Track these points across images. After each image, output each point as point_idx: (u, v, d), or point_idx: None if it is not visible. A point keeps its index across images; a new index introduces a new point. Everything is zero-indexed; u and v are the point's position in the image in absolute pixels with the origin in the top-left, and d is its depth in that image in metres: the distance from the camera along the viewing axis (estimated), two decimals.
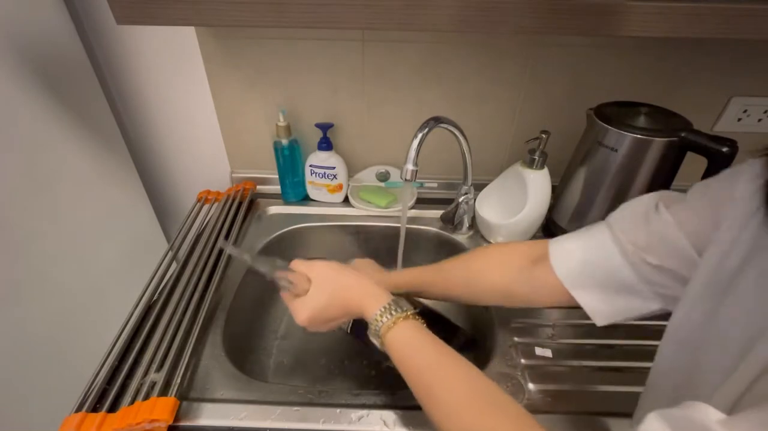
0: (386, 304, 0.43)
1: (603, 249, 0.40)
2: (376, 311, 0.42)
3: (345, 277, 0.46)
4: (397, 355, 0.41)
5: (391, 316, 0.42)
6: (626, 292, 0.39)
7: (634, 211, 0.40)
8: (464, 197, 0.72)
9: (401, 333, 0.41)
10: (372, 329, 0.43)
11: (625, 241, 0.38)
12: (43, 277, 0.61)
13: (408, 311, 0.43)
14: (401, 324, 0.42)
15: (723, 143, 0.53)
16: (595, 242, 0.41)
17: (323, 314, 0.45)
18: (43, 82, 0.58)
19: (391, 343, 0.41)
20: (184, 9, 0.45)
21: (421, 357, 0.40)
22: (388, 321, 0.41)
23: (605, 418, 0.47)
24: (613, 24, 0.44)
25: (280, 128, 0.72)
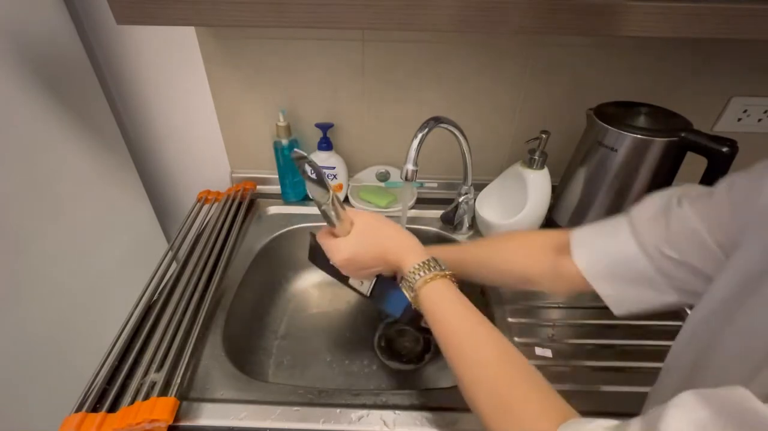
0: (426, 259, 0.43)
1: (622, 241, 0.40)
2: (415, 264, 0.43)
3: (388, 227, 0.47)
4: (430, 309, 0.41)
5: (430, 271, 0.42)
6: (644, 284, 0.39)
7: (655, 204, 0.40)
8: (464, 197, 0.72)
9: (438, 288, 0.42)
10: (407, 281, 0.43)
11: (644, 233, 0.38)
12: (43, 277, 0.61)
13: (446, 271, 0.43)
14: (439, 280, 0.42)
15: (723, 143, 0.53)
16: (615, 234, 0.41)
17: (360, 259, 0.46)
18: (43, 82, 0.58)
19: (426, 296, 0.42)
20: (184, 9, 0.45)
21: (456, 316, 0.40)
22: (426, 276, 0.42)
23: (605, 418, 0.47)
24: (613, 24, 0.44)
25: (280, 128, 0.72)
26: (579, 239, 0.44)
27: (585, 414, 0.48)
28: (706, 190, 0.37)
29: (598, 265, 0.42)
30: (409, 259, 0.44)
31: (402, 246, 0.46)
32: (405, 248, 0.45)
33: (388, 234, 0.47)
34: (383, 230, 0.47)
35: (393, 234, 0.47)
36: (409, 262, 0.44)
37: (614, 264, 0.40)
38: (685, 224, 0.36)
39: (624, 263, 0.39)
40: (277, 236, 0.76)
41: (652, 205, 0.40)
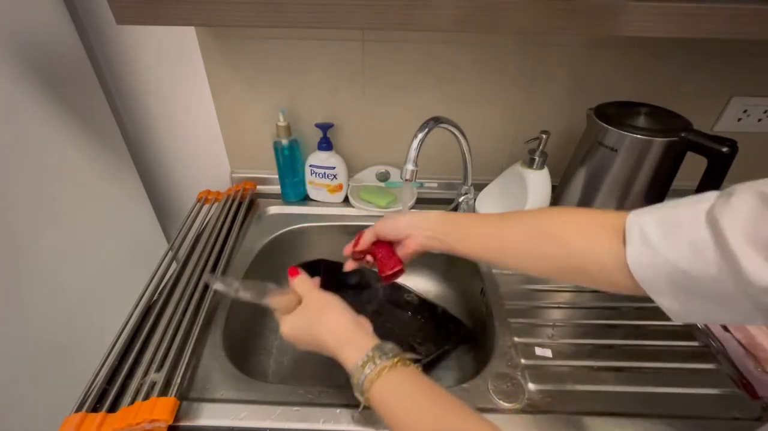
0: (369, 352, 0.38)
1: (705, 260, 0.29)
2: (358, 362, 0.37)
3: (329, 316, 0.42)
4: (384, 413, 0.36)
5: (375, 365, 0.36)
6: (724, 304, 0.30)
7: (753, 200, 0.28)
8: (464, 197, 0.72)
9: (387, 384, 0.36)
10: (354, 384, 0.38)
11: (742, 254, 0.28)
12: (43, 277, 0.61)
13: (395, 358, 0.37)
14: (385, 375, 0.36)
15: (723, 143, 0.53)
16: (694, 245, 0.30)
17: (302, 342, 0.44)
18: (43, 82, 0.58)
19: (374, 399, 0.36)
20: (184, 9, 0.45)
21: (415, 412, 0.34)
22: (371, 373, 0.36)
23: (605, 418, 0.47)
24: (613, 24, 0.44)
25: (280, 128, 0.72)
26: (637, 232, 0.34)
27: (585, 414, 0.48)
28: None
29: (659, 274, 0.32)
30: (349, 357, 0.39)
31: (339, 339, 0.40)
32: (342, 342, 0.40)
33: (325, 322, 0.42)
34: (323, 320, 0.42)
35: (330, 322, 0.42)
36: (350, 360, 0.38)
37: (685, 278, 0.31)
38: None
39: (700, 280, 0.30)
40: (277, 236, 0.76)
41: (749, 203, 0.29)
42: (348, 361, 0.39)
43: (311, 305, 0.44)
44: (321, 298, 0.45)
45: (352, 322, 0.42)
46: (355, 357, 0.38)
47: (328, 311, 0.43)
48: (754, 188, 0.29)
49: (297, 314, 0.44)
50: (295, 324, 0.44)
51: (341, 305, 0.44)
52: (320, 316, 0.43)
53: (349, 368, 0.39)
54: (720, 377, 0.52)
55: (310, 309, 0.44)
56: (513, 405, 0.48)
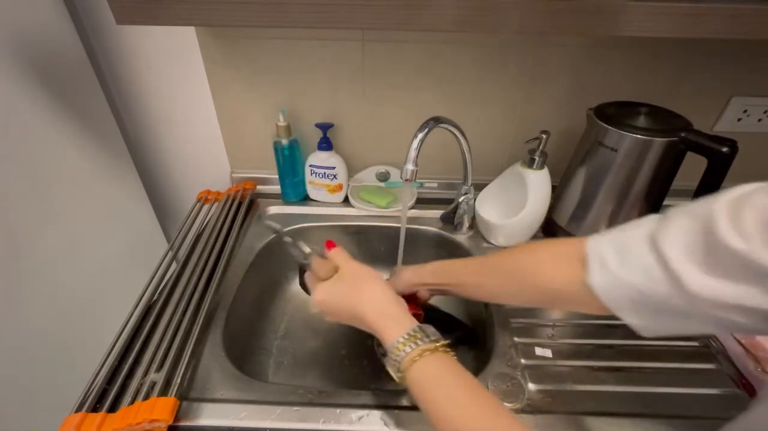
0: (411, 330, 0.38)
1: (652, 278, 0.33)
2: (398, 338, 0.37)
3: (370, 290, 0.42)
4: (421, 393, 0.36)
5: (416, 346, 0.37)
6: (680, 317, 0.33)
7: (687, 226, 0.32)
8: (464, 197, 0.72)
9: (427, 369, 0.36)
10: (391, 358, 0.38)
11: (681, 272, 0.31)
12: (43, 277, 0.61)
13: (437, 342, 0.38)
14: (427, 357, 0.36)
15: (723, 143, 0.53)
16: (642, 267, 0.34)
17: (334, 307, 0.43)
18: (43, 82, 0.58)
19: (415, 379, 0.36)
20: (184, 9, 0.45)
21: (453, 402, 0.35)
22: (412, 352, 0.36)
23: (605, 418, 0.48)
24: (613, 24, 0.44)
25: (280, 128, 0.72)
26: (597, 266, 0.37)
27: (585, 414, 0.48)
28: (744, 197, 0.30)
29: (621, 295, 0.35)
30: (389, 331, 0.38)
31: (380, 313, 0.40)
32: (384, 317, 0.40)
33: (366, 294, 0.42)
34: (361, 287, 0.42)
35: (371, 294, 0.42)
36: (390, 334, 0.38)
37: (642, 298, 0.34)
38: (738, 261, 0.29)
39: (656, 298, 0.33)
40: (277, 236, 0.76)
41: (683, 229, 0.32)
42: (388, 335, 0.39)
43: (349, 275, 0.44)
44: (361, 269, 0.44)
45: (393, 297, 0.42)
46: (396, 332, 0.38)
47: (369, 283, 0.43)
48: (686, 211, 0.33)
49: (334, 281, 0.44)
50: (332, 291, 0.43)
51: (382, 280, 0.44)
52: (359, 287, 0.43)
53: (388, 342, 0.38)
54: (720, 377, 0.52)
55: (349, 278, 0.44)
56: (513, 405, 0.48)
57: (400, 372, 0.38)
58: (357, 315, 0.41)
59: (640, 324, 0.36)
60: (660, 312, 0.34)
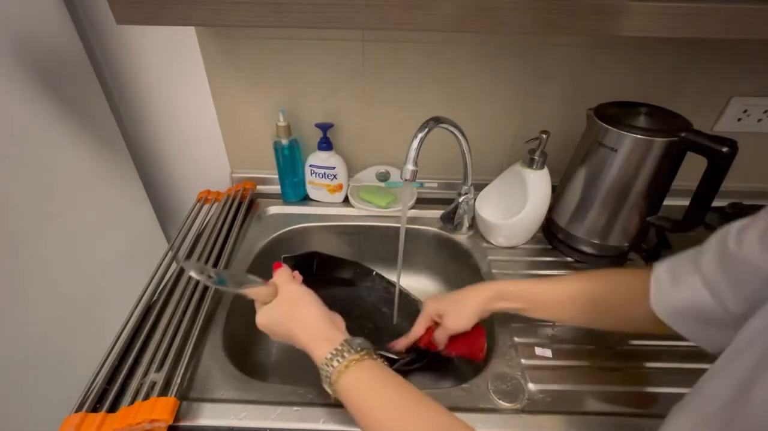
0: (338, 345, 0.39)
1: (700, 298, 0.37)
2: (326, 355, 0.38)
3: (303, 312, 0.44)
4: (351, 405, 0.37)
5: (343, 358, 0.38)
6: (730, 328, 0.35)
7: (716, 245, 0.37)
8: (464, 197, 0.72)
9: (354, 376, 0.37)
10: (323, 376, 0.39)
11: (718, 287, 0.36)
12: (43, 277, 0.61)
13: (362, 351, 0.39)
14: (353, 367, 0.37)
15: (723, 143, 0.53)
16: (691, 289, 0.38)
17: (275, 333, 0.45)
18: (43, 82, 0.58)
19: (342, 390, 0.37)
20: (184, 9, 0.45)
21: (379, 402, 0.36)
22: (339, 365, 0.37)
23: (605, 418, 0.47)
24: (613, 24, 0.44)
25: (280, 128, 0.72)
26: (658, 288, 0.42)
27: (585, 414, 0.48)
28: None
29: (681, 316, 0.40)
30: (319, 350, 0.40)
31: (310, 335, 0.41)
32: (314, 337, 0.41)
33: (299, 318, 0.43)
34: (295, 313, 0.43)
35: (304, 318, 0.43)
36: (319, 354, 0.39)
37: (696, 313, 0.38)
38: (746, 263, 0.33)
39: (704, 313, 0.37)
40: (277, 236, 0.76)
41: (715, 249, 0.37)
42: (318, 354, 0.40)
43: (285, 298, 0.45)
44: (296, 291, 0.45)
45: (323, 316, 0.43)
46: (325, 350, 0.39)
47: (302, 305, 0.44)
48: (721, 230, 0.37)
49: (272, 305, 0.45)
50: (270, 315, 0.45)
51: (314, 300, 0.45)
52: (293, 309, 0.44)
53: (318, 361, 0.40)
54: None
55: (284, 302, 0.45)
56: (513, 405, 0.48)
57: (330, 387, 0.39)
58: (292, 337, 0.43)
59: (701, 341, 0.39)
60: (715, 327, 0.37)
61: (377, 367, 0.39)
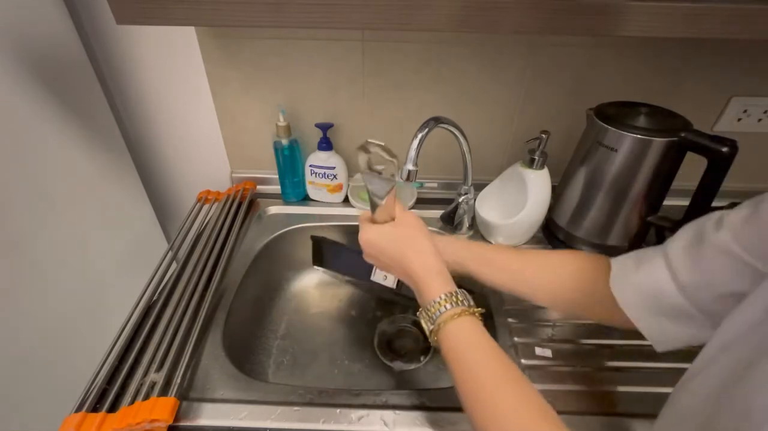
0: (452, 291, 0.40)
1: (658, 277, 0.37)
2: (441, 295, 0.39)
3: (421, 241, 0.44)
4: (452, 348, 0.38)
5: (456, 306, 0.38)
6: (684, 321, 0.36)
7: (689, 233, 0.37)
8: (464, 197, 0.72)
9: (463, 328, 0.38)
10: (427, 311, 0.39)
11: (679, 268, 0.36)
12: (43, 277, 0.61)
13: (475, 309, 0.39)
14: (466, 317, 0.38)
15: (723, 143, 0.53)
16: (652, 269, 0.38)
17: (380, 248, 0.45)
18: (43, 82, 0.58)
19: (449, 334, 0.38)
20: (184, 9, 0.45)
21: (483, 361, 0.36)
22: (452, 310, 0.38)
23: (605, 418, 0.48)
24: (613, 24, 0.44)
25: (280, 128, 0.72)
26: (619, 269, 0.41)
27: (585, 414, 0.48)
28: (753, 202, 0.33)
29: (635, 300, 0.39)
30: (433, 285, 0.40)
31: (427, 268, 0.42)
32: (431, 272, 0.41)
33: (418, 246, 0.43)
34: (415, 239, 0.44)
35: (423, 249, 0.43)
36: (432, 289, 0.40)
37: (652, 300, 0.38)
38: (720, 250, 0.33)
39: (661, 299, 0.37)
40: (277, 236, 0.76)
41: (686, 235, 0.37)
42: (430, 290, 0.40)
43: (408, 222, 0.45)
44: (417, 220, 0.46)
45: (439, 256, 0.44)
46: (439, 289, 0.40)
47: (422, 235, 0.45)
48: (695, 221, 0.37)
49: (392, 225, 0.45)
50: (385, 234, 0.45)
51: (430, 235, 0.45)
52: (414, 236, 0.44)
53: (428, 296, 0.40)
54: None
55: (406, 226, 0.45)
56: None
57: (434, 325, 0.39)
58: (403, 262, 0.43)
59: (653, 332, 0.38)
60: (669, 317, 0.37)
61: (484, 329, 0.38)
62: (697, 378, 0.30)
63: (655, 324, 0.38)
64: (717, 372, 0.28)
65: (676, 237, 0.38)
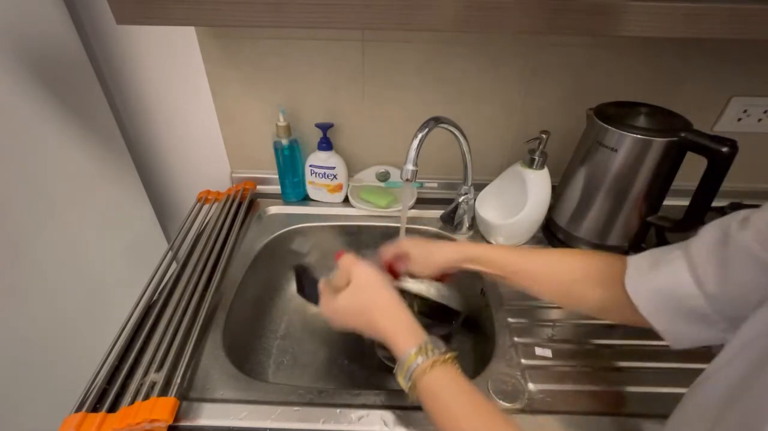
0: (423, 342, 0.39)
1: (678, 277, 0.36)
2: (411, 349, 0.39)
3: (384, 298, 0.43)
4: (431, 402, 0.38)
5: (428, 357, 0.38)
6: (702, 322, 0.35)
7: (714, 233, 0.35)
8: (464, 197, 0.72)
9: (438, 378, 0.38)
10: (402, 368, 0.39)
11: (701, 268, 0.35)
12: (43, 277, 0.61)
13: (447, 354, 0.39)
14: (439, 368, 0.38)
15: (723, 143, 0.53)
16: (671, 268, 0.37)
17: (346, 319, 0.44)
18: (43, 82, 0.58)
19: (426, 387, 0.38)
20: (184, 9, 0.45)
21: (460, 408, 0.36)
22: (424, 363, 0.38)
23: (605, 418, 0.47)
24: (613, 24, 0.44)
25: (280, 128, 0.72)
26: (635, 269, 0.41)
27: (585, 414, 0.48)
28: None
29: (653, 299, 0.38)
30: (402, 341, 0.40)
31: (394, 324, 0.42)
32: (398, 327, 0.41)
33: (381, 304, 0.43)
34: (377, 298, 0.44)
35: (386, 305, 0.43)
36: (402, 345, 0.40)
37: (669, 300, 0.37)
38: (746, 253, 0.31)
39: (680, 299, 0.36)
40: (277, 236, 0.76)
41: (709, 236, 0.36)
42: (401, 345, 0.40)
43: (364, 284, 0.45)
44: (374, 276, 0.45)
45: (404, 307, 0.43)
46: (409, 343, 0.39)
47: (383, 292, 0.44)
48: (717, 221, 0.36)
49: (349, 292, 0.44)
50: (347, 301, 0.44)
51: (392, 287, 0.45)
52: (375, 296, 0.44)
53: (401, 353, 0.40)
54: None
55: (364, 287, 0.44)
56: (513, 405, 0.48)
57: (410, 381, 0.39)
58: (371, 324, 0.43)
59: (669, 331, 0.37)
60: (689, 319, 0.36)
61: (460, 374, 0.39)
62: (713, 378, 0.30)
63: (673, 325, 0.37)
64: (732, 371, 0.28)
65: (699, 238, 0.36)
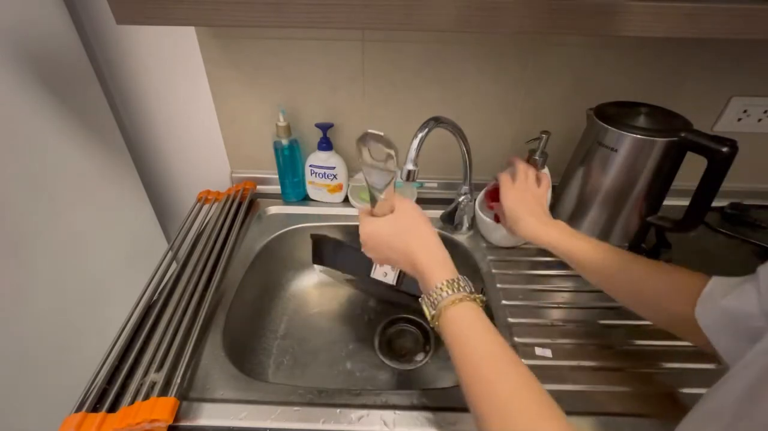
0: (454, 277, 0.40)
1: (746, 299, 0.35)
2: (442, 281, 0.40)
3: (423, 229, 0.44)
4: (452, 332, 0.38)
5: (458, 292, 0.39)
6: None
7: None
8: (464, 197, 0.72)
9: (463, 312, 0.38)
10: (429, 297, 0.40)
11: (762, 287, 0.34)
12: (43, 277, 0.61)
13: (476, 295, 0.40)
14: (467, 303, 0.39)
15: (723, 143, 0.53)
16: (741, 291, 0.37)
17: (382, 241, 0.45)
18: (43, 82, 0.58)
19: (450, 319, 0.38)
20: (184, 9, 0.45)
21: (478, 344, 0.37)
22: (453, 296, 0.39)
23: (605, 418, 0.47)
24: (613, 24, 0.44)
25: (280, 128, 0.72)
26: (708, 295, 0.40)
27: (585, 414, 0.48)
28: None
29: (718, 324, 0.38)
30: (435, 273, 0.41)
31: (431, 256, 0.42)
32: (433, 259, 0.42)
33: (420, 235, 0.44)
34: (418, 228, 0.44)
35: (425, 237, 0.44)
36: (435, 276, 0.40)
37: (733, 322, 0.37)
38: None
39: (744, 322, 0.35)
40: (277, 236, 0.76)
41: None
42: (432, 276, 0.41)
43: (408, 213, 0.46)
44: (416, 208, 0.46)
45: (441, 243, 0.44)
46: (442, 275, 0.40)
47: (423, 223, 0.45)
48: None
49: (392, 217, 0.46)
50: (389, 226, 0.45)
51: (430, 223, 0.46)
52: (416, 225, 0.45)
53: (431, 282, 0.40)
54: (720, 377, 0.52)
55: (406, 216, 0.46)
56: None
57: (435, 310, 0.39)
58: (406, 251, 0.43)
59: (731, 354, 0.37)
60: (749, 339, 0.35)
61: (484, 315, 0.39)
62: (732, 378, 0.30)
63: (733, 347, 0.37)
64: (751, 372, 0.28)
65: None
